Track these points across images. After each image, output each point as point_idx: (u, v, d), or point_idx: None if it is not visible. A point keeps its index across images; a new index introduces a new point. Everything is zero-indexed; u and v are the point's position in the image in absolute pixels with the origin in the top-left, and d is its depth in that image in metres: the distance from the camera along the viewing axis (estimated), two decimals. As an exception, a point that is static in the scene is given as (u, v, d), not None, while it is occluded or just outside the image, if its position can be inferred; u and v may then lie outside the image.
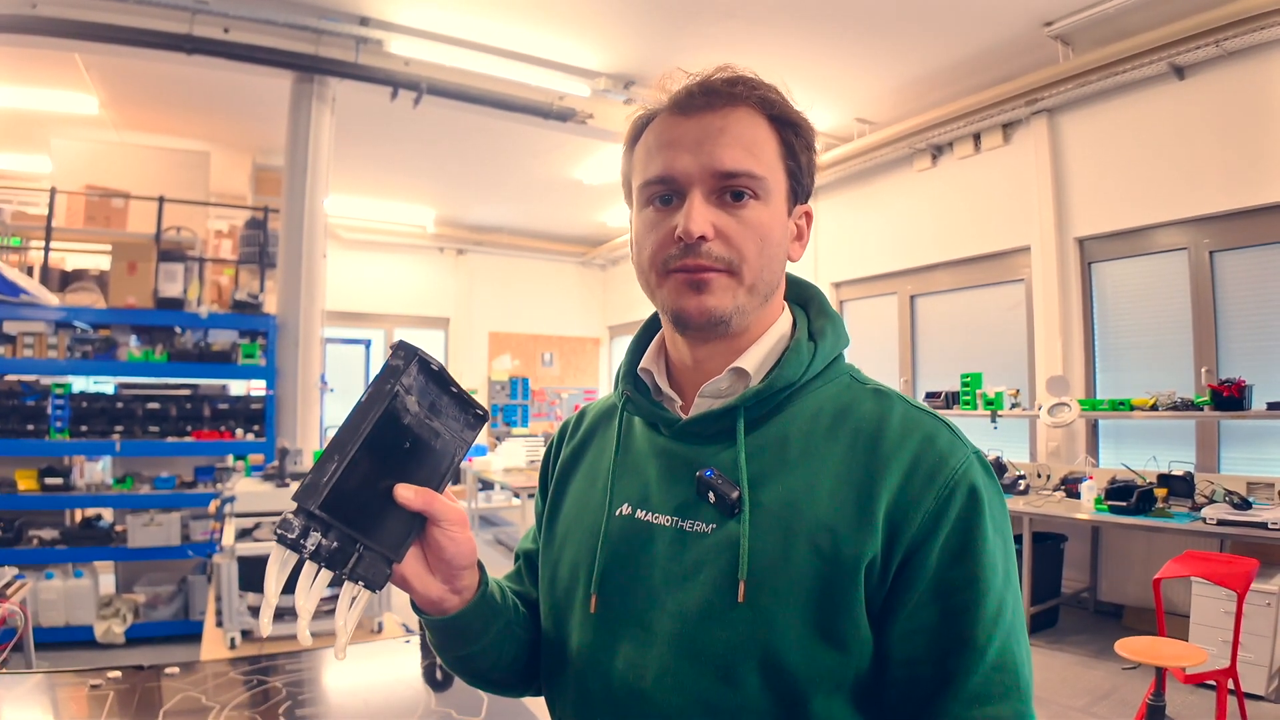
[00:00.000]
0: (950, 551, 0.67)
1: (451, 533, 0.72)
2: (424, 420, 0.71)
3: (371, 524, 0.67)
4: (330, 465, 0.64)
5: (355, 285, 9.40)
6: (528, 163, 7.43)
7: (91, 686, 1.62)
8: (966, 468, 0.69)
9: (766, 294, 0.77)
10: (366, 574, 0.67)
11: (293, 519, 0.63)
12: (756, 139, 0.74)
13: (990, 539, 0.68)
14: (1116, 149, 5.09)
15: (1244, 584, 2.93)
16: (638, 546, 0.77)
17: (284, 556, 0.64)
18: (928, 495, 0.68)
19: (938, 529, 0.67)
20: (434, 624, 0.79)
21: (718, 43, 5.00)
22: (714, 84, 0.74)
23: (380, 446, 0.67)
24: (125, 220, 5.22)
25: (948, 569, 0.67)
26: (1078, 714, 3.53)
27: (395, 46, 5.03)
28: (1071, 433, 5.29)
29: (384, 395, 0.68)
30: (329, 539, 0.64)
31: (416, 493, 0.69)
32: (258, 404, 5.05)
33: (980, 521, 0.68)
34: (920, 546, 0.67)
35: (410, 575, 0.72)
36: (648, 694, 0.72)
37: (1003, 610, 0.67)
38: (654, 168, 0.75)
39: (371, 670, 1.91)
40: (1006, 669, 0.66)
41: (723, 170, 0.72)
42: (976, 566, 0.67)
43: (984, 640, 0.66)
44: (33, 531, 4.56)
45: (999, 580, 0.68)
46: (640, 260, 0.77)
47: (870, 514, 0.68)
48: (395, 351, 0.70)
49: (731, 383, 0.78)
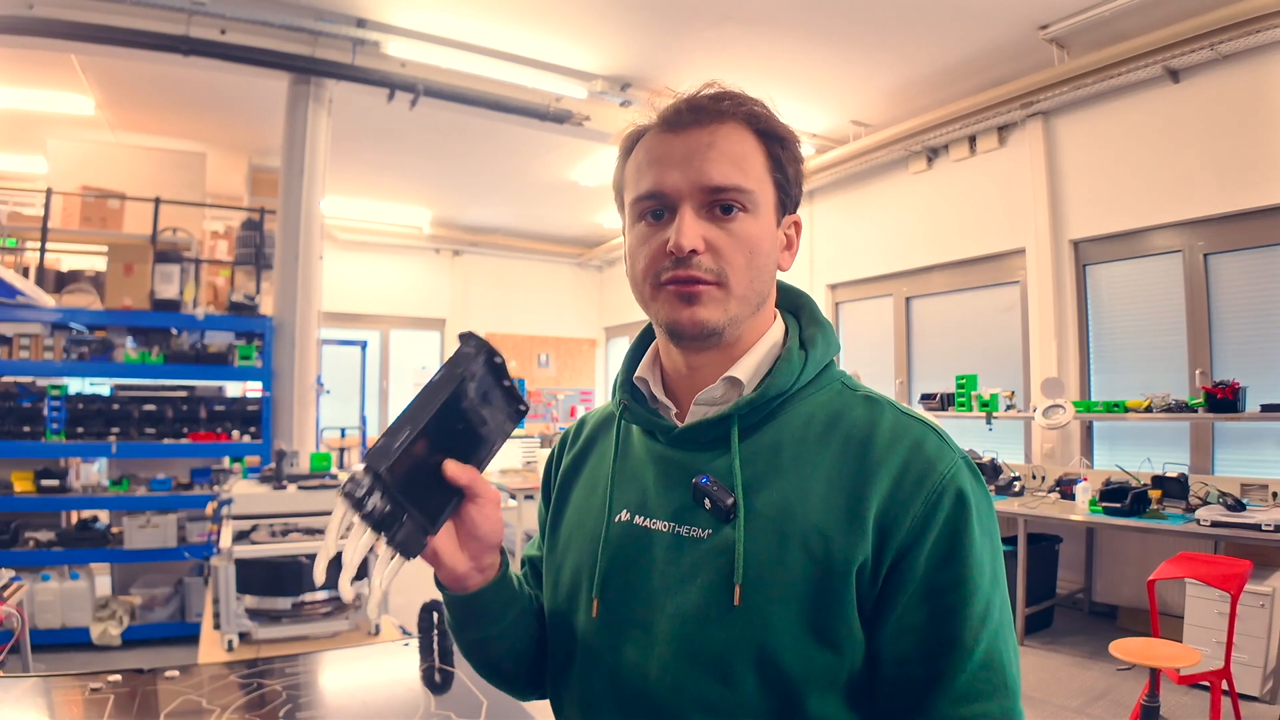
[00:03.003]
0: (938, 554, 0.69)
1: (486, 510, 0.76)
2: (477, 407, 0.76)
3: (419, 495, 0.71)
4: (403, 433, 0.69)
5: (351, 286, 9.38)
6: (524, 164, 7.43)
7: (91, 689, 1.62)
8: (954, 472, 0.71)
9: (757, 304, 0.80)
10: (405, 541, 0.70)
11: (363, 477, 0.67)
12: (744, 153, 0.76)
13: (978, 541, 0.70)
14: (1111, 152, 5.11)
15: (1238, 585, 2.95)
16: (637, 552, 0.80)
17: (345, 512, 0.68)
18: (916, 499, 0.70)
19: (926, 532, 0.69)
20: (456, 600, 0.82)
21: (714, 46, 5.01)
22: (701, 101, 0.77)
23: (439, 425, 0.72)
24: (121, 221, 5.21)
25: (936, 571, 0.69)
26: (1072, 715, 3.54)
27: (392, 48, 5.03)
28: (1066, 434, 5.31)
29: (454, 378, 0.73)
30: (383, 502, 0.68)
31: (463, 469, 0.73)
32: (254, 405, 5.04)
33: (968, 524, 0.70)
34: (909, 549, 0.69)
35: (441, 549, 0.75)
36: (649, 693, 0.75)
37: (990, 610, 0.69)
38: (645, 183, 0.77)
39: (370, 673, 1.92)
40: (994, 668, 0.68)
41: (711, 185, 0.74)
42: (964, 568, 0.69)
43: (972, 640, 0.68)
44: (29, 533, 4.55)
45: (986, 581, 0.69)
46: (634, 273, 0.80)
47: (861, 518, 0.70)
48: (467, 340, 0.76)
49: (726, 391, 0.80)
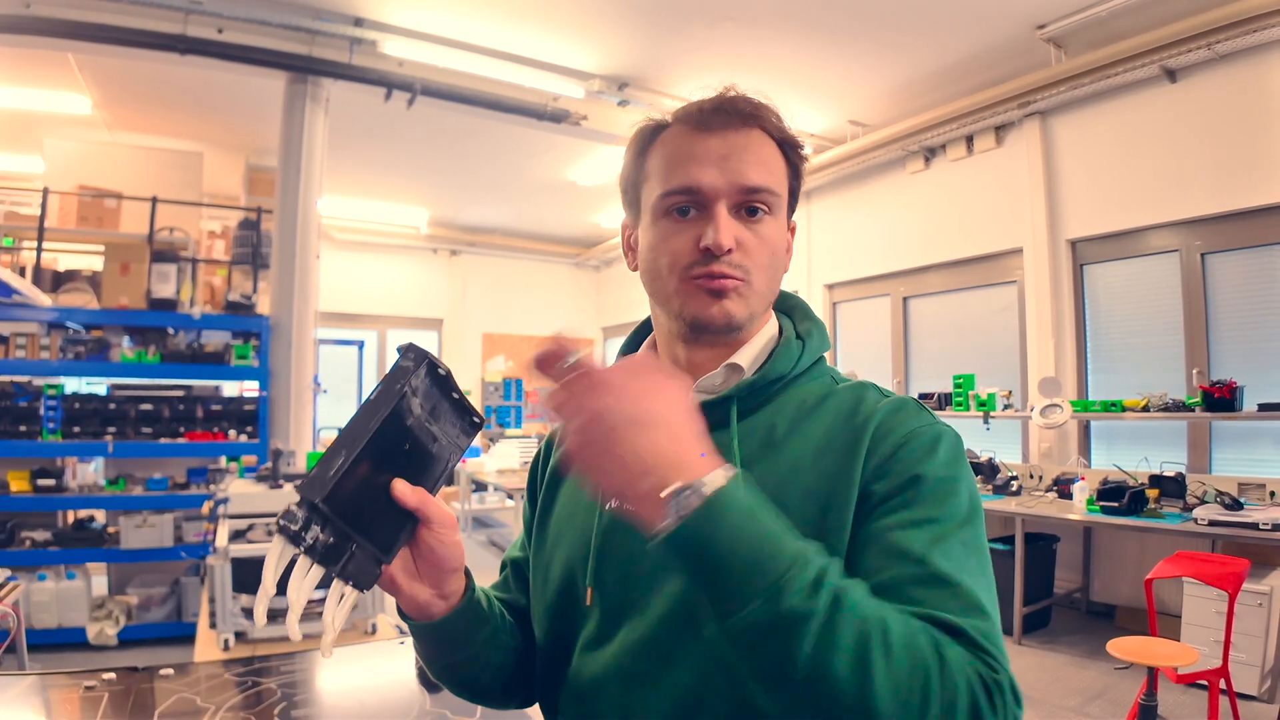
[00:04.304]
0: (902, 480, 0.70)
1: (441, 535, 0.72)
2: (424, 423, 0.71)
3: (366, 523, 0.66)
4: (337, 460, 0.64)
5: (348, 286, 9.37)
6: (522, 164, 7.43)
7: (85, 688, 1.62)
8: (934, 425, 0.74)
9: (770, 302, 0.84)
10: (356, 573, 0.66)
11: (296, 510, 0.63)
12: (771, 158, 0.79)
13: (943, 471, 0.70)
14: (1108, 151, 5.12)
15: (1235, 584, 2.95)
16: (630, 537, 0.77)
17: (283, 548, 0.64)
18: (892, 438, 0.72)
19: (892, 462, 0.71)
20: (420, 630, 0.80)
21: (712, 45, 5.01)
22: (735, 102, 0.79)
23: (382, 446, 0.67)
24: (118, 221, 5.20)
25: (899, 492, 0.69)
26: (1070, 714, 3.54)
27: (389, 47, 5.02)
28: (1063, 434, 5.31)
29: (393, 395, 0.68)
30: (325, 534, 0.64)
31: (413, 490, 0.70)
32: (251, 405, 5.04)
33: (934, 456, 0.71)
34: (876, 479, 0.70)
35: (398, 577, 0.72)
36: (649, 676, 0.74)
37: (946, 537, 0.66)
38: (676, 179, 0.78)
39: (365, 672, 1.91)
40: (952, 586, 0.63)
41: (749, 185, 0.77)
42: (925, 490, 0.69)
43: (921, 552, 0.65)
44: (25, 533, 4.54)
45: (949, 510, 0.68)
46: (656, 267, 0.80)
47: (850, 475, 0.72)
48: (406, 353, 0.71)
49: (726, 377, 0.82)
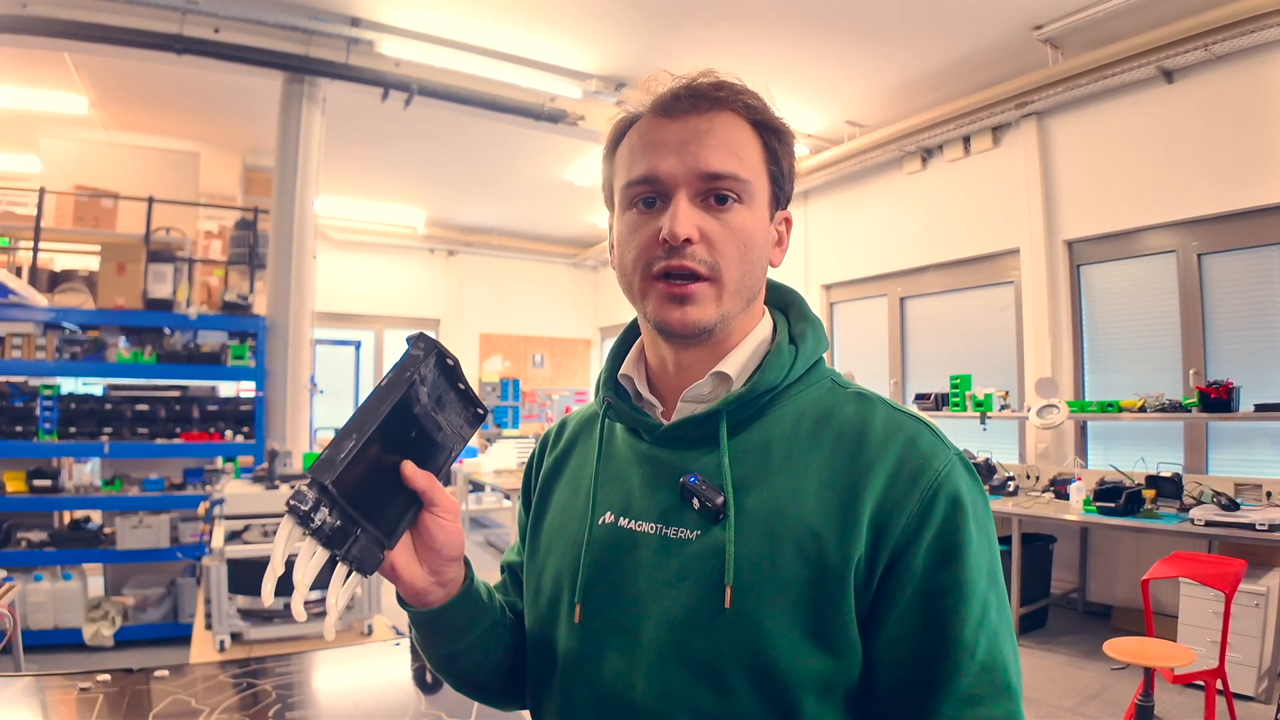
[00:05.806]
0: (935, 554, 0.67)
1: (444, 520, 0.73)
2: (430, 412, 0.72)
3: (371, 507, 0.68)
4: (347, 443, 0.65)
5: (345, 286, 9.36)
6: (519, 164, 7.42)
7: (81, 689, 1.61)
8: (949, 469, 0.69)
9: (749, 299, 0.77)
10: (360, 556, 0.67)
11: (306, 491, 0.64)
12: (741, 143, 0.74)
13: (974, 540, 0.68)
14: (1105, 152, 5.13)
15: (1232, 584, 2.95)
16: (621, 555, 0.76)
17: (292, 528, 0.65)
18: (911, 498, 0.68)
19: (922, 532, 0.67)
20: (419, 618, 0.79)
21: (709, 45, 5.01)
22: (699, 87, 0.74)
23: (389, 432, 0.68)
24: (114, 221, 5.18)
25: (934, 572, 0.67)
26: (1067, 714, 3.55)
27: (386, 47, 5.01)
28: (1060, 434, 5.32)
29: (403, 382, 0.70)
30: (333, 516, 0.65)
31: (421, 473, 0.70)
32: (247, 405, 5.03)
33: (964, 523, 0.68)
34: (905, 550, 0.67)
35: (399, 563, 0.72)
36: (636, 703, 0.71)
37: (988, 611, 0.67)
38: (638, 168, 0.74)
39: (361, 673, 1.91)
40: (995, 669, 0.66)
41: (709, 172, 0.72)
42: (961, 569, 0.67)
43: (972, 642, 0.65)
44: (21, 534, 4.53)
45: (984, 581, 0.67)
46: (623, 263, 0.77)
47: (855, 517, 0.67)
48: (416, 342, 0.72)
49: (714, 387, 0.78)
